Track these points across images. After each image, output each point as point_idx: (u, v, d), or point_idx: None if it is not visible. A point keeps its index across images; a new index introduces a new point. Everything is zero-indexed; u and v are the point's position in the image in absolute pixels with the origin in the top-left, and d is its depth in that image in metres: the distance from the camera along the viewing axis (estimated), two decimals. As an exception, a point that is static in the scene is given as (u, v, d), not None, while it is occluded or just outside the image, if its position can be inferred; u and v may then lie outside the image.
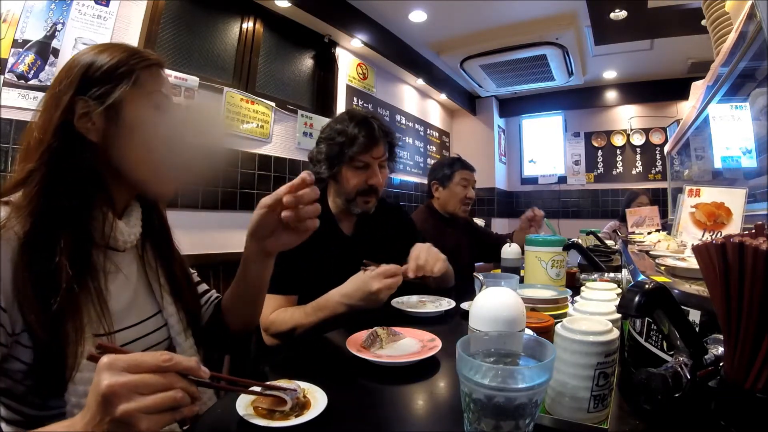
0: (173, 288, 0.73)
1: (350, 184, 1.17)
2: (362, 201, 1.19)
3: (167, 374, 0.42)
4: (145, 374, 0.41)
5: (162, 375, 0.41)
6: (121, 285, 0.65)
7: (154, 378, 0.41)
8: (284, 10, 2.68)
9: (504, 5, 3.04)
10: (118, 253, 0.66)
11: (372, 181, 1.18)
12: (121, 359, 0.41)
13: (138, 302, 0.68)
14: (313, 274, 1.10)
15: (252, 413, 0.52)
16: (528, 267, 1.16)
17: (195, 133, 0.68)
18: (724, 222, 0.72)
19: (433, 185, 2.04)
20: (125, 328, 0.63)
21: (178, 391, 0.42)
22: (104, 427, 0.40)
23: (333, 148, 1.16)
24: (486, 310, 0.54)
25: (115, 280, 0.64)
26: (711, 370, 0.41)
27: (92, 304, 0.56)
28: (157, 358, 0.42)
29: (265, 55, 2.70)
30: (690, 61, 3.71)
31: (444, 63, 3.99)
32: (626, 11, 2.84)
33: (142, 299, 0.69)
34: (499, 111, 5.12)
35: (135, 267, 0.70)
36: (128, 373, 0.40)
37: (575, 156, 4.89)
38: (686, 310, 0.47)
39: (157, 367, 0.41)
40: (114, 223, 0.63)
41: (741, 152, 1.23)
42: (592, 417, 0.47)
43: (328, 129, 1.21)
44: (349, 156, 1.14)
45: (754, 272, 0.34)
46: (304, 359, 0.80)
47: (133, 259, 0.70)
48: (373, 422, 0.55)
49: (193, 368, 0.44)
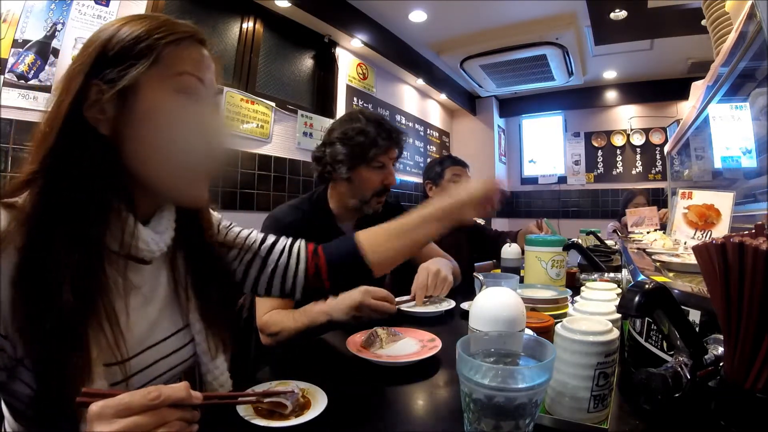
0: (203, 306, 0.63)
1: (369, 184, 1.17)
2: (376, 201, 1.20)
3: (159, 410, 0.40)
4: (136, 417, 0.39)
5: (154, 413, 0.40)
6: (144, 302, 0.57)
7: (146, 419, 0.39)
8: (284, 10, 2.68)
9: (504, 5, 3.04)
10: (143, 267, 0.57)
11: (388, 181, 1.19)
12: (109, 406, 0.39)
13: (162, 319, 0.59)
14: None
15: (252, 413, 0.52)
16: (528, 267, 1.16)
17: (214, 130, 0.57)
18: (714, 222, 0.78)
19: (427, 185, 2.05)
20: (143, 351, 0.55)
21: (174, 423, 0.41)
22: None
23: (354, 149, 1.14)
24: (486, 310, 0.54)
25: (137, 295, 0.55)
26: (711, 370, 0.41)
27: (103, 330, 0.48)
28: (145, 397, 0.40)
29: (265, 55, 2.70)
30: (690, 61, 3.71)
31: (444, 63, 3.99)
32: (626, 11, 2.84)
33: (167, 314, 0.60)
34: (499, 111, 5.13)
35: (164, 279, 0.61)
36: (119, 418, 0.39)
37: (575, 156, 4.89)
38: (686, 310, 0.47)
39: (146, 407, 0.40)
40: (135, 230, 0.52)
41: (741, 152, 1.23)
42: (592, 417, 0.47)
43: (342, 129, 1.18)
44: (371, 157, 1.14)
45: (754, 272, 0.34)
46: (304, 359, 0.80)
47: (162, 269, 0.61)
48: (373, 422, 0.55)
49: (183, 399, 0.42)
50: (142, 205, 0.56)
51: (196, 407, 0.43)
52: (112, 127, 0.50)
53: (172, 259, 0.62)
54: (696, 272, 0.69)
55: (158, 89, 0.51)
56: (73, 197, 0.47)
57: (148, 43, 0.50)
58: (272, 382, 0.60)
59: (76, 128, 0.48)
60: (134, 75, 0.49)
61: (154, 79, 0.50)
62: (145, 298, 0.57)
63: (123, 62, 0.49)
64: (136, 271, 0.56)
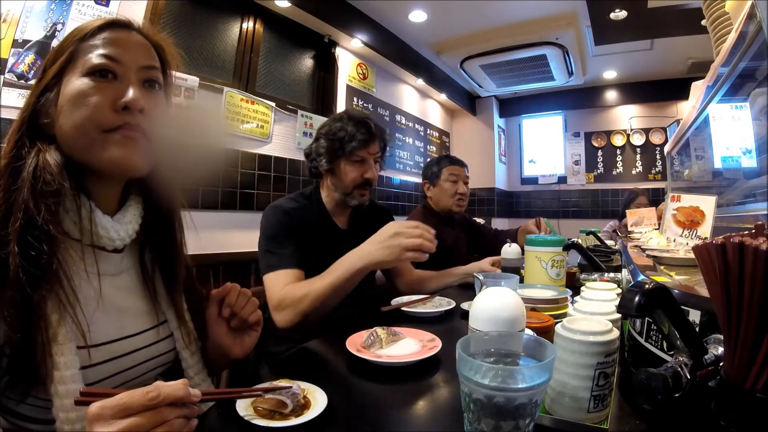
0: (172, 299, 0.66)
1: (348, 177, 1.24)
2: (358, 193, 1.26)
3: (158, 410, 0.41)
4: (135, 417, 0.39)
5: (153, 412, 0.40)
6: (113, 291, 0.59)
7: (145, 418, 0.40)
8: (284, 10, 2.68)
9: (504, 5, 3.04)
10: (113, 256, 0.61)
11: (368, 174, 1.25)
12: (108, 406, 0.39)
13: (135, 312, 0.62)
14: (311, 267, 1.11)
15: (252, 414, 0.52)
16: (528, 267, 1.16)
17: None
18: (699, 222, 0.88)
19: (425, 185, 2.05)
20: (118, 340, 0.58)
21: (173, 422, 0.41)
22: None
23: (333, 144, 1.23)
24: (486, 310, 0.54)
25: (106, 284, 0.58)
26: (711, 370, 0.41)
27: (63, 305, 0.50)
28: (144, 397, 0.40)
29: (265, 55, 2.70)
30: (690, 61, 3.71)
31: (444, 63, 3.99)
32: (626, 11, 2.85)
33: (140, 309, 0.63)
34: (499, 111, 5.13)
35: (133, 271, 0.64)
36: (119, 419, 0.39)
37: (575, 156, 4.89)
38: (686, 310, 0.47)
39: (145, 407, 0.40)
40: (93, 216, 0.56)
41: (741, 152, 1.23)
42: (592, 417, 0.47)
43: (327, 126, 1.28)
44: (348, 150, 1.22)
45: (754, 272, 0.34)
46: (304, 359, 0.80)
47: (133, 264, 0.65)
48: (373, 422, 0.55)
49: (182, 397, 0.42)
50: (102, 193, 0.60)
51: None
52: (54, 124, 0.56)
53: (141, 254, 0.66)
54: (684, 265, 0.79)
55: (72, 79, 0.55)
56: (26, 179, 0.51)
57: (67, 42, 0.56)
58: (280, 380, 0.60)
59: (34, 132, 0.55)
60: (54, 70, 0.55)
61: (71, 72, 0.56)
62: (116, 286, 0.60)
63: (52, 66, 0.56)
64: (105, 260, 0.60)
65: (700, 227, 0.87)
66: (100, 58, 0.56)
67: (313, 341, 0.88)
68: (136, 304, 0.63)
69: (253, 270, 2.45)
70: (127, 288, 0.63)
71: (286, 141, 2.72)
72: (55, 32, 1.67)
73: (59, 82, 0.56)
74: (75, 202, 0.55)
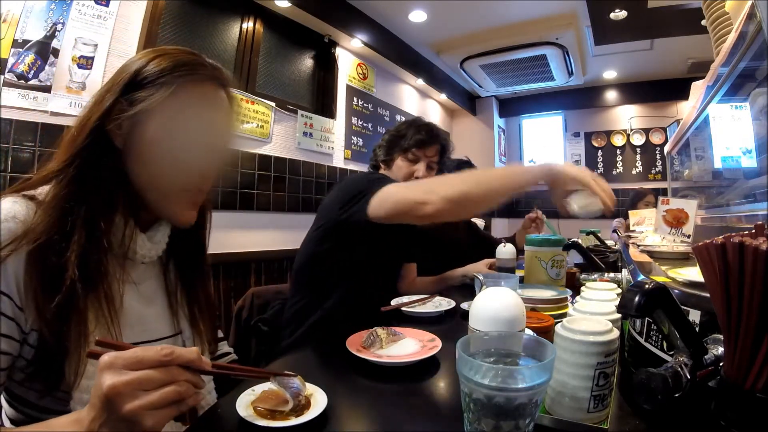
0: (191, 314, 0.71)
1: (401, 172, 1.33)
2: None
3: (169, 368, 0.41)
4: (148, 371, 0.40)
5: (164, 369, 0.41)
6: (136, 298, 0.63)
7: (156, 374, 0.40)
8: (284, 10, 2.68)
9: (504, 5, 3.04)
10: (139, 266, 0.65)
11: (418, 174, 1.32)
12: (121, 357, 0.40)
13: (154, 319, 0.65)
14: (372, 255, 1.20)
15: (252, 413, 0.52)
16: (528, 267, 1.16)
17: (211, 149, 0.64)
18: (684, 222, 1.05)
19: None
20: (138, 343, 0.60)
21: (182, 383, 0.42)
22: (110, 425, 0.39)
23: (394, 139, 1.36)
24: (486, 310, 0.54)
25: (130, 291, 0.62)
26: (711, 370, 0.41)
27: (102, 310, 0.54)
28: (158, 353, 0.41)
29: (265, 55, 2.70)
30: (690, 61, 3.71)
31: (444, 63, 3.99)
32: (626, 11, 2.84)
33: (159, 317, 0.67)
34: (499, 111, 5.12)
35: (155, 283, 0.68)
36: (130, 370, 0.40)
37: (575, 156, 4.89)
38: (686, 310, 0.47)
39: (158, 362, 0.41)
40: (134, 234, 0.61)
41: (741, 152, 1.23)
42: (592, 417, 0.47)
43: (396, 125, 1.41)
44: (404, 146, 1.33)
45: (754, 272, 0.34)
46: (304, 359, 0.80)
47: (156, 274, 0.69)
48: (373, 422, 0.55)
49: (194, 360, 0.43)
50: (143, 214, 0.63)
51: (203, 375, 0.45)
52: (125, 142, 0.59)
53: (165, 267, 0.70)
54: (673, 258, 0.92)
55: (165, 117, 0.59)
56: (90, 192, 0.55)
57: (168, 78, 0.59)
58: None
59: (98, 137, 0.57)
60: (150, 101, 0.57)
61: (165, 108, 0.58)
62: (139, 293, 0.64)
63: (145, 89, 0.58)
64: (133, 268, 0.63)
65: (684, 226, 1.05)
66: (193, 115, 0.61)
67: (313, 341, 0.88)
68: (156, 312, 0.66)
69: (253, 270, 2.45)
70: (148, 296, 0.66)
71: (286, 141, 2.72)
72: (55, 32, 1.67)
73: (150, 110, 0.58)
74: (124, 221, 0.59)
